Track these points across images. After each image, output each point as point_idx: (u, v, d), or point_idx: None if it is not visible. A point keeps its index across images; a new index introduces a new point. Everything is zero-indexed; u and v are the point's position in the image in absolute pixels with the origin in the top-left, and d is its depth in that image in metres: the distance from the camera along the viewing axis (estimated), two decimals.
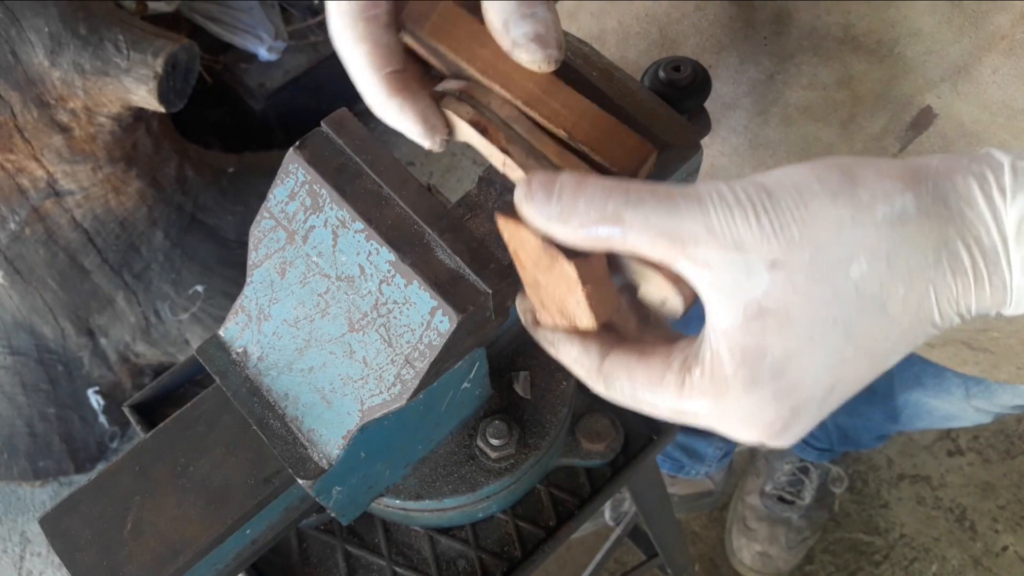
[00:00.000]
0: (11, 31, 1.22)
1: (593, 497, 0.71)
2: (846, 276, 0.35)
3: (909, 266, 0.35)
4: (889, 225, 0.34)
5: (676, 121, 0.51)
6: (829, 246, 0.34)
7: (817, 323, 0.35)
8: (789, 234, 0.34)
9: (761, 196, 0.35)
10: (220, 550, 0.52)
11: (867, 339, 0.36)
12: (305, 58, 1.92)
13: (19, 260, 1.47)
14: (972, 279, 0.35)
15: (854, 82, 0.65)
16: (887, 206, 0.34)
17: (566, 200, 0.36)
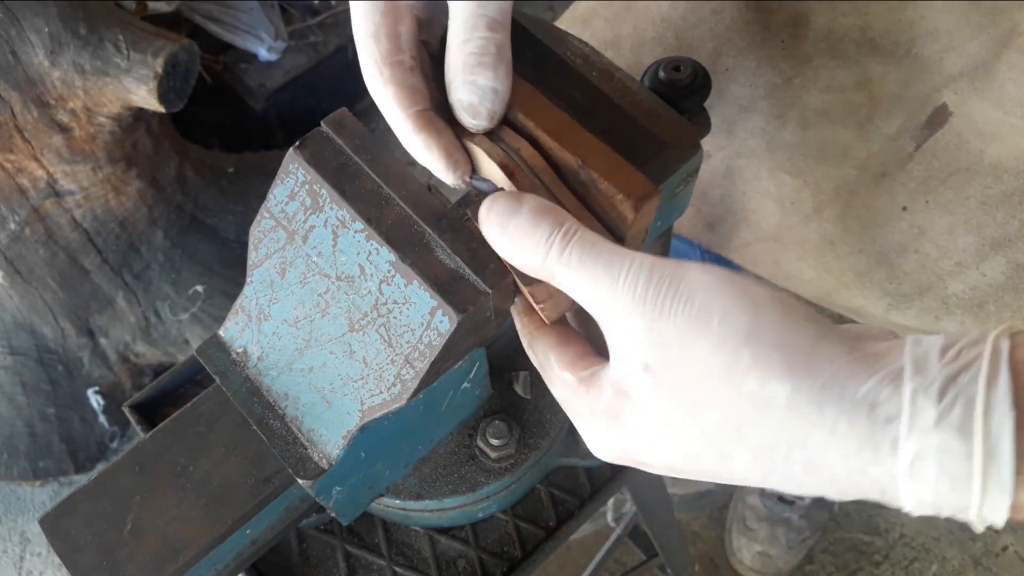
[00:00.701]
0: (11, 31, 1.22)
1: (593, 497, 0.71)
2: (699, 417, 0.35)
3: (757, 445, 0.34)
4: (749, 402, 0.33)
5: (676, 121, 0.51)
6: (694, 384, 0.35)
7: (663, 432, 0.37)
8: (668, 351, 0.35)
9: (667, 298, 0.35)
10: (220, 550, 0.52)
11: (708, 469, 0.37)
12: (305, 58, 1.92)
13: (19, 260, 1.46)
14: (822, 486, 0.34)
15: (871, 84, 0.65)
16: (757, 384, 0.33)
17: (516, 240, 0.40)
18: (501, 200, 0.41)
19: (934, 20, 0.61)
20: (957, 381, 0.30)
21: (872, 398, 0.31)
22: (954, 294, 0.70)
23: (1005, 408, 0.29)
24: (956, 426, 0.30)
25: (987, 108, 0.61)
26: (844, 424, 0.32)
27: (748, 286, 0.35)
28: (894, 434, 0.31)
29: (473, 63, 0.43)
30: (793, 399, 0.32)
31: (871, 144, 0.68)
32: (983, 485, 0.30)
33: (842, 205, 0.71)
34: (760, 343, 0.33)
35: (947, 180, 0.66)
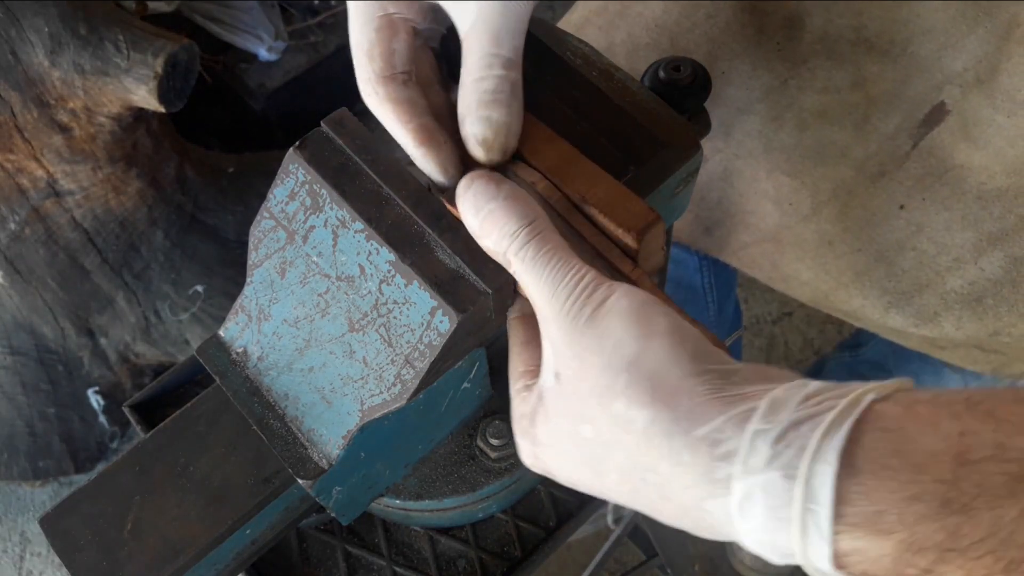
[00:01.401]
0: (11, 31, 1.22)
1: (593, 497, 0.71)
2: (578, 431, 0.37)
3: (621, 466, 0.36)
4: (615, 422, 0.35)
5: (676, 121, 0.51)
6: (581, 399, 0.37)
7: (557, 440, 0.39)
8: (572, 365, 0.37)
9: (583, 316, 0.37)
10: (220, 550, 0.52)
11: (590, 483, 0.39)
12: (305, 58, 1.92)
13: (19, 260, 1.46)
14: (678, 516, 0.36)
15: (868, 84, 0.65)
16: (623, 408, 0.35)
17: (485, 224, 0.41)
18: (480, 181, 0.42)
19: (929, 18, 0.61)
20: (800, 428, 0.31)
21: (715, 436, 0.33)
22: (952, 290, 0.70)
23: (832, 457, 0.30)
24: (783, 469, 0.31)
25: (985, 105, 0.61)
26: (687, 456, 0.33)
27: (652, 316, 0.36)
28: (728, 471, 0.32)
29: (488, 100, 0.44)
30: (649, 427, 0.34)
31: (868, 144, 0.68)
32: (802, 528, 0.30)
33: (840, 205, 0.71)
34: (636, 371, 0.35)
35: (943, 176, 0.66)
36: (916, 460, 0.29)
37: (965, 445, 0.29)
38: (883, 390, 0.32)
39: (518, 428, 0.43)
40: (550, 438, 0.40)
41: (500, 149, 0.45)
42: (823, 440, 0.30)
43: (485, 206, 0.41)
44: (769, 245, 0.76)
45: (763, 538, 0.32)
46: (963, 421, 0.30)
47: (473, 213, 0.42)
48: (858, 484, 0.30)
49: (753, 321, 1.89)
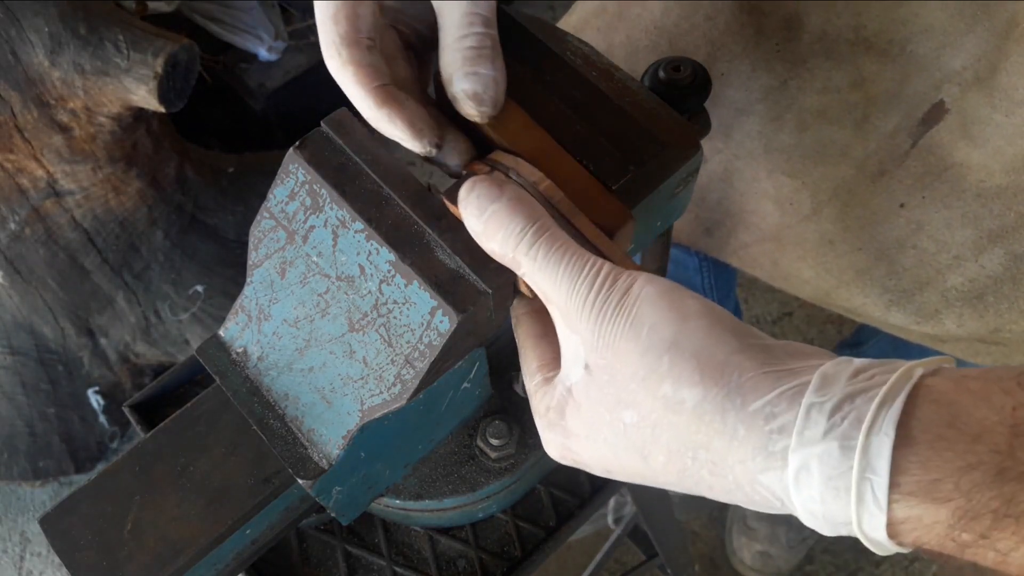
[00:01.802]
0: (11, 31, 1.22)
1: (593, 497, 0.71)
2: (620, 417, 0.38)
3: (670, 447, 0.36)
4: (663, 404, 0.36)
5: (676, 121, 0.51)
6: (620, 386, 0.37)
7: (595, 430, 0.39)
8: (605, 354, 0.37)
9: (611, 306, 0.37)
10: (220, 550, 0.52)
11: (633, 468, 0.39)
12: (305, 58, 1.92)
13: (19, 260, 1.47)
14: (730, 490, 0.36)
15: (867, 83, 0.65)
16: (671, 389, 0.35)
17: (490, 227, 0.41)
18: (483, 185, 0.42)
19: (928, 17, 0.61)
20: (855, 401, 0.32)
21: (770, 410, 0.33)
22: (953, 287, 0.70)
23: (890, 428, 0.31)
24: (839, 440, 0.31)
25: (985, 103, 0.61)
26: (742, 431, 0.34)
27: (683, 299, 0.37)
28: (785, 443, 0.32)
29: (473, 56, 0.44)
30: (700, 405, 0.34)
31: (868, 143, 0.68)
32: (859, 498, 0.31)
33: (841, 204, 0.71)
34: (679, 352, 0.35)
35: (943, 175, 0.66)
36: (972, 430, 0.30)
37: (1019, 417, 0.30)
38: (931, 364, 0.33)
39: (544, 422, 0.43)
40: (585, 429, 0.40)
41: (492, 103, 0.46)
42: (879, 412, 0.31)
43: (489, 207, 0.41)
44: (770, 244, 0.76)
45: (817, 508, 0.33)
46: (1015, 396, 0.30)
47: (477, 216, 0.41)
48: (914, 454, 0.30)
49: (753, 321, 1.89)
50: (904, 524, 0.31)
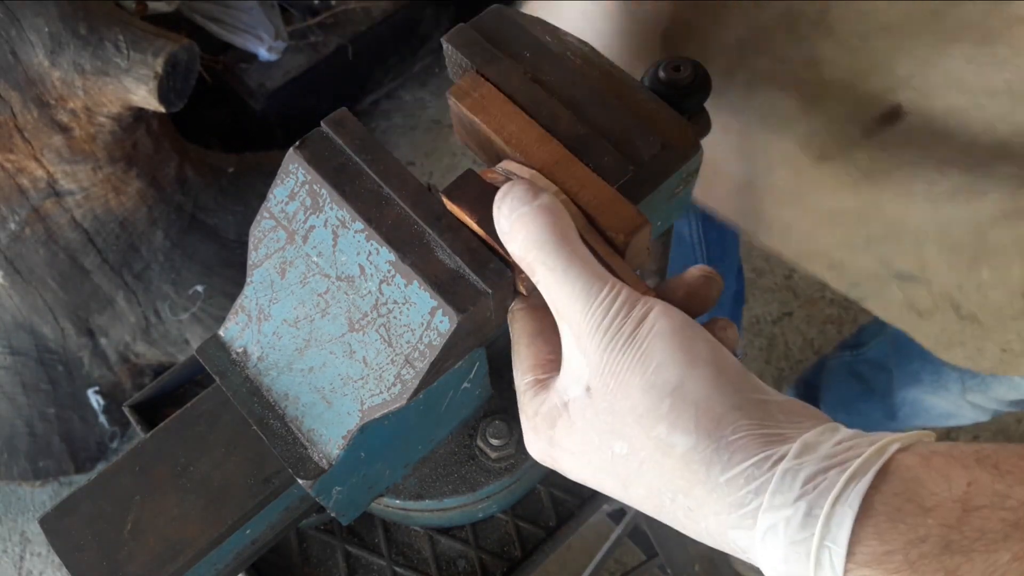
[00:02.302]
0: (11, 31, 1.22)
1: (593, 497, 0.71)
2: (610, 445, 0.38)
3: (651, 484, 0.38)
4: (655, 444, 0.37)
5: (676, 121, 0.51)
6: (617, 416, 0.38)
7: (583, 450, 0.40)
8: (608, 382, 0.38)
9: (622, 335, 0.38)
10: (220, 550, 0.52)
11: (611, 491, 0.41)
12: (305, 58, 1.92)
13: (19, 260, 1.46)
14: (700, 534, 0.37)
15: (823, 65, 0.66)
16: (665, 431, 0.36)
17: (516, 227, 0.41)
18: (521, 187, 0.42)
19: (888, 14, 0.62)
20: (828, 472, 0.33)
21: (752, 471, 0.35)
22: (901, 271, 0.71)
23: (855, 501, 0.32)
24: (807, 507, 0.33)
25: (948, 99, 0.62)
26: (722, 486, 0.35)
27: (694, 341, 0.38)
28: (757, 504, 0.34)
29: None
30: (689, 453, 0.36)
31: (812, 121, 0.68)
32: (817, 563, 0.33)
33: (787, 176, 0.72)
34: (680, 397, 0.36)
35: (892, 174, 0.67)
36: (926, 504, 0.32)
37: (971, 493, 0.32)
38: (907, 440, 0.34)
39: (531, 425, 0.43)
40: (574, 446, 0.41)
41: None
42: (847, 485, 0.33)
43: (519, 209, 0.41)
44: (748, 193, 0.77)
45: (780, 568, 0.34)
46: (971, 472, 0.32)
47: (506, 215, 0.41)
48: (872, 526, 0.32)
49: (753, 321, 1.89)
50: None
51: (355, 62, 1.96)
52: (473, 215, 0.44)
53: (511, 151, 0.48)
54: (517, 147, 0.47)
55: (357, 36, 1.95)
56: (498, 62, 0.50)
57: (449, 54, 0.52)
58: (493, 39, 0.52)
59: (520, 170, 0.47)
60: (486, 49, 0.51)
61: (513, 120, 0.49)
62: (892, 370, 1.22)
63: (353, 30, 1.95)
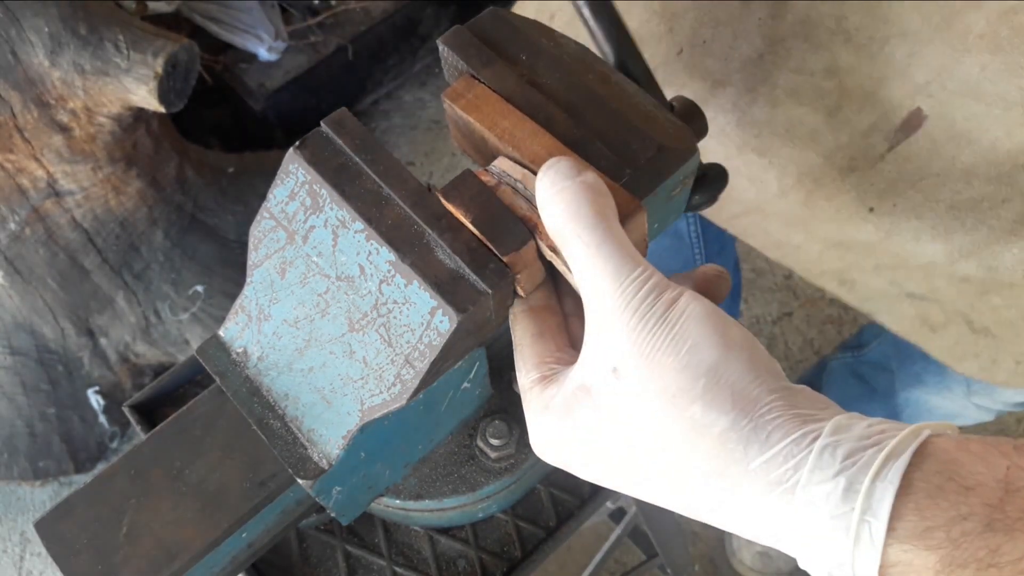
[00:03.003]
0: (11, 31, 1.22)
1: (593, 497, 0.71)
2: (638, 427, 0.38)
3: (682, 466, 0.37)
4: (689, 424, 0.36)
5: (672, 124, 0.51)
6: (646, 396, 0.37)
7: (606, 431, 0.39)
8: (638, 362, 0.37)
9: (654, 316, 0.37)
10: (216, 554, 0.52)
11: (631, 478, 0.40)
12: (305, 58, 1.92)
13: (19, 260, 1.46)
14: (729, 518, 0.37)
15: (842, 73, 0.66)
16: (701, 411, 0.36)
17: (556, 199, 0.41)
18: (566, 161, 0.41)
19: (905, 20, 0.62)
20: (866, 451, 0.34)
21: (790, 449, 0.35)
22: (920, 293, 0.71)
23: (895, 477, 0.32)
24: (847, 483, 0.33)
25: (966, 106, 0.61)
26: (760, 464, 0.35)
27: (727, 325, 0.37)
28: (796, 480, 0.34)
29: None
30: (726, 432, 0.35)
31: (839, 135, 0.68)
32: (856, 538, 0.32)
33: (805, 192, 0.72)
34: (716, 378, 0.36)
35: (917, 184, 0.67)
36: (967, 484, 0.32)
37: (1012, 476, 0.32)
38: (938, 428, 0.35)
39: (539, 420, 0.42)
40: (596, 428, 0.40)
41: None
42: (886, 462, 0.33)
43: (561, 182, 0.41)
44: (756, 216, 0.77)
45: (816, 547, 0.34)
46: (1010, 458, 0.33)
47: (547, 186, 0.41)
48: (912, 502, 0.32)
49: (753, 321, 1.89)
50: (895, 568, 0.33)
51: (355, 62, 1.96)
52: (468, 215, 0.44)
53: (504, 147, 0.48)
54: (510, 142, 0.47)
55: (357, 36, 1.95)
56: (494, 65, 0.50)
57: (445, 56, 0.52)
58: (489, 42, 0.52)
59: (513, 169, 0.47)
60: (482, 51, 0.51)
61: (506, 117, 0.49)
62: (894, 371, 1.22)
63: (353, 30, 1.95)
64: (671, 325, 0.37)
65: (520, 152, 0.47)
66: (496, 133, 0.48)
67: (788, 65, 0.68)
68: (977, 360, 0.76)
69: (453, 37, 0.51)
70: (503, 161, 0.48)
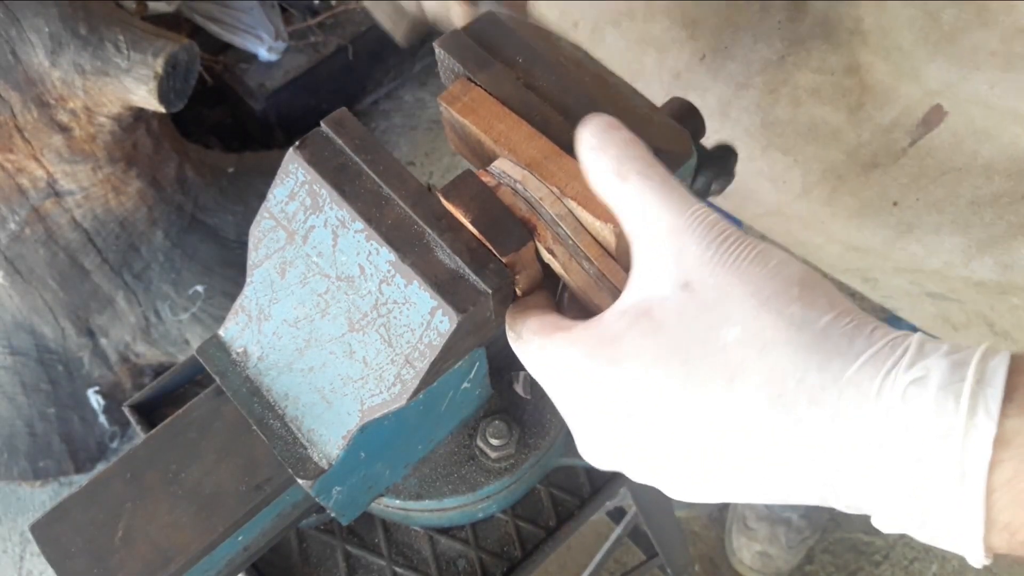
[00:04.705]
0: (11, 31, 1.22)
1: (593, 497, 0.71)
2: (719, 335, 0.36)
3: (775, 367, 0.35)
4: (787, 322, 0.35)
5: (669, 125, 0.51)
6: (729, 303, 0.36)
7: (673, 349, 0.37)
8: (718, 271, 0.37)
9: (732, 234, 0.37)
10: (212, 557, 0.52)
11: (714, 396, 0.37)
12: (305, 58, 1.92)
13: (19, 260, 1.46)
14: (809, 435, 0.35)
15: (862, 70, 0.66)
16: (800, 310, 0.35)
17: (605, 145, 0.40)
18: (608, 116, 0.41)
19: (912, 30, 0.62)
20: (962, 349, 0.33)
21: (894, 343, 0.34)
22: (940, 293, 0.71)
23: (1004, 357, 0.32)
24: (956, 361, 0.32)
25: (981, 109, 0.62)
26: (868, 356, 0.34)
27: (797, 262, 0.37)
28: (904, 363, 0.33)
29: None
30: (829, 327, 0.35)
31: (861, 131, 0.68)
32: (970, 411, 0.31)
33: (830, 188, 0.72)
34: (810, 285, 0.36)
35: (939, 179, 0.67)
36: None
37: None
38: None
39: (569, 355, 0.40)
40: (657, 350, 0.37)
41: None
42: (987, 351, 0.33)
43: (609, 130, 0.40)
44: (777, 218, 0.78)
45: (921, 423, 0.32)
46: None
47: (594, 132, 0.41)
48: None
49: None
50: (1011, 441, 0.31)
51: (355, 62, 1.96)
52: (468, 215, 0.44)
53: (500, 150, 0.48)
54: (506, 145, 0.48)
55: (357, 36, 1.95)
56: (491, 67, 0.50)
57: (442, 59, 0.52)
58: (486, 44, 0.52)
59: (513, 170, 0.47)
60: (479, 54, 0.51)
61: (502, 119, 0.49)
62: None
63: (353, 30, 1.95)
64: (751, 245, 0.37)
65: (516, 155, 0.47)
66: (492, 136, 0.48)
67: (809, 65, 0.68)
68: None
69: (450, 40, 0.51)
70: (503, 162, 0.48)
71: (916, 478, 0.33)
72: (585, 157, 0.41)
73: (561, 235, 0.45)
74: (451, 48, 0.51)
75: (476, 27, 0.53)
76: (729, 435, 0.36)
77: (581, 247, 0.45)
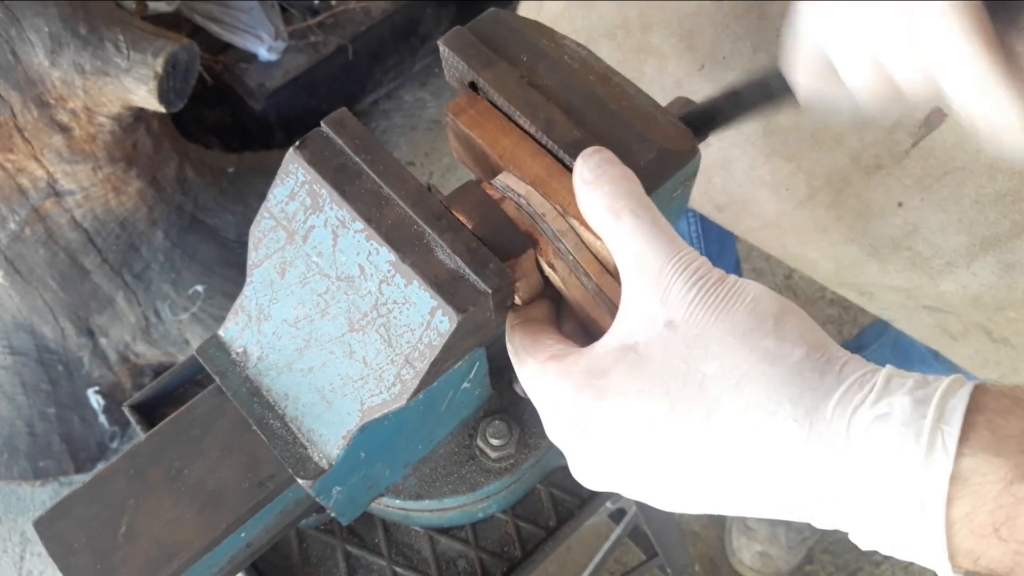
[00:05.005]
0: (11, 31, 1.22)
1: (593, 497, 0.71)
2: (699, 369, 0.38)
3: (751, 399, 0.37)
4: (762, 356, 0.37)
5: (673, 125, 0.51)
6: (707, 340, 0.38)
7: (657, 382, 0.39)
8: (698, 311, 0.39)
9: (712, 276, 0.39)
10: (214, 554, 0.52)
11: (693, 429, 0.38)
12: (305, 58, 1.92)
13: (19, 260, 1.46)
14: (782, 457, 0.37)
15: None
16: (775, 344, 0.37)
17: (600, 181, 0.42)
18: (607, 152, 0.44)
19: None
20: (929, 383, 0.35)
21: (863, 378, 0.36)
22: (946, 292, 0.71)
23: (964, 395, 0.34)
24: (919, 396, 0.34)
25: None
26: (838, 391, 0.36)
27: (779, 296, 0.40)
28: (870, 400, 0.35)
29: None
30: (803, 362, 0.37)
31: (864, 134, 0.69)
32: (928, 446, 0.33)
33: (834, 192, 0.72)
34: (784, 321, 0.38)
35: (943, 178, 0.67)
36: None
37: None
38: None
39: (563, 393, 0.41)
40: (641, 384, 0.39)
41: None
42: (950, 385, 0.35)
43: (604, 165, 0.43)
44: (773, 230, 0.78)
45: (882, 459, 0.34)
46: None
47: (592, 168, 0.43)
48: (985, 419, 0.34)
49: None
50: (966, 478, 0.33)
51: (355, 62, 1.96)
52: (470, 222, 0.45)
53: (505, 164, 0.49)
54: (511, 160, 0.48)
55: (357, 36, 1.95)
56: (495, 66, 0.50)
57: (446, 57, 0.52)
58: (490, 43, 0.52)
59: (517, 184, 0.47)
60: (483, 53, 0.51)
61: (508, 135, 0.49)
62: None
63: (353, 30, 1.95)
64: (730, 285, 0.39)
65: (520, 171, 0.48)
66: (497, 151, 0.49)
67: None
68: (998, 368, 0.76)
69: (454, 38, 0.51)
70: (508, 176, 0.48)
71: (883, 507, 0.35)
72: (580, 190, 0.43)
73: (562, 250, 0.46)
74: (455, 46, 0.51)
75: (480, 25, 0.53)
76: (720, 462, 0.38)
77: (581, 263, 0.45)
